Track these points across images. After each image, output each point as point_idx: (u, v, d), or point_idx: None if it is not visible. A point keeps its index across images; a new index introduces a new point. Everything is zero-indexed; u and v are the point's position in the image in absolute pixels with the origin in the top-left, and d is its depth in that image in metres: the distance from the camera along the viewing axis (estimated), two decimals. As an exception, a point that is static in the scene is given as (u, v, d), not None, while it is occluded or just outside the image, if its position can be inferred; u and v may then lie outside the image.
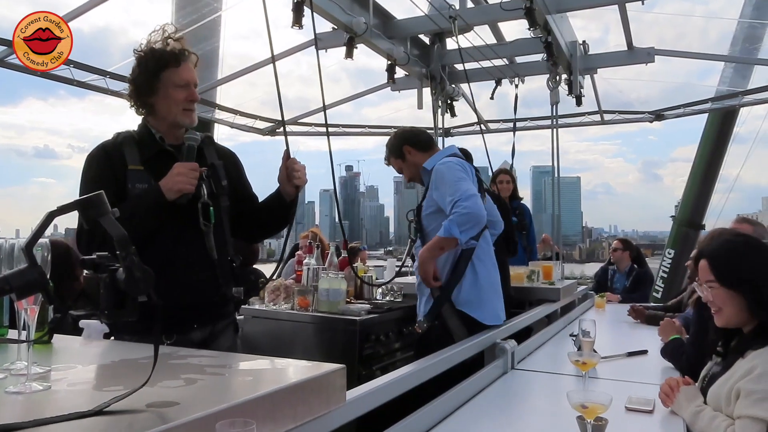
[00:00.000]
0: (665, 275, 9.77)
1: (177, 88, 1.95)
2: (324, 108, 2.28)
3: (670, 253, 9.90)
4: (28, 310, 1.06)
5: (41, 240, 1.08)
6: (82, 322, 1.70)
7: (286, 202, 2.10)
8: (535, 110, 7.45)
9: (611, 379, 2.32)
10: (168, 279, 1.83)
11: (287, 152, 2.08)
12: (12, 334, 1.44)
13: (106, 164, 1.90)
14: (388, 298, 3.35)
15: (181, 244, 1.91)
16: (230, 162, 2.15)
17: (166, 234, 1.89)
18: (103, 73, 5.07)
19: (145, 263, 1.78)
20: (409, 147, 2.96)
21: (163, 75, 1.94)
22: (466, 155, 3.66)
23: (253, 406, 1.00)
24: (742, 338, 1.80)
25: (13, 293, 1.04)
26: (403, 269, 3.70)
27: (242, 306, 2.29)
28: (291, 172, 2.05)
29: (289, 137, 2.18)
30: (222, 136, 7.26)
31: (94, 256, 1.26)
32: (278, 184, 2.09)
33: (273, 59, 2.34)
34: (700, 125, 9.74)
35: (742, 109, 7.48)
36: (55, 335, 1.47)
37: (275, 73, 2.31)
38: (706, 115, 8.70)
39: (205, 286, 1.97)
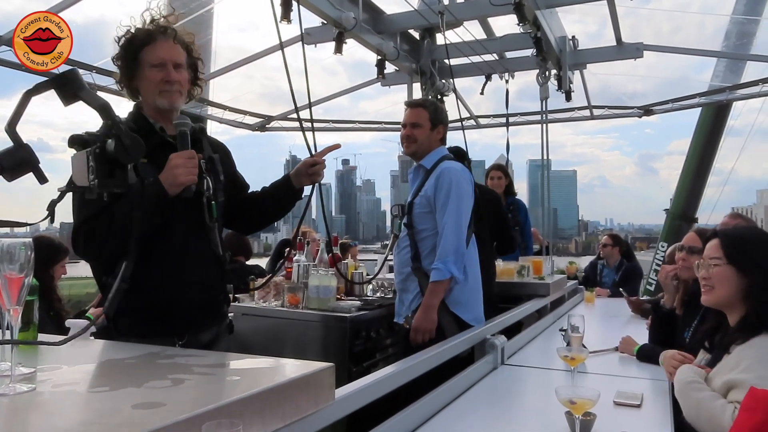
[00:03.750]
0: (658, 267, 9.85)
1: (152, 68, 1.85)
2: (310, 105, 2.26)
3: (663, 246, 9.97)
4: (11, 311, 1.05)
5: (25, 239, 1.07)
6: (68, 322, 1.69)
7: (294, 190, 2.09)
8: (530, 103, 7.47)
9: (600, 374, 2.34)
10: (180, 277, 1.81)
11: (322, 150, 2.11)
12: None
13: None
14: (378, 294, 3.35)
15: (190, 240, 1.85)
16: (224, 154, 2.09)
17: (175, 230, 1.81)
18: (89, 68, 5.02)
19: (156, 260, 1.76)
20: (442, 128, 2.94)
21: (140, 55, 1.85)
22: (460, 154, 3.69)
23: (241, 406, 0.99)
24: (727, 334, 1.82)
25: (6, 173, 1.04)
26: (390, 264, 3.68)
27: (232, 303, 2.27)
28: (318, 169, 2.05)
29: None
30: (217, 129, 7.24)
31: (82, 133, 1.23)
32: (293, 173, 2.08)
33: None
34: (696, 118, 9.80)
35: (737, 102, 7.52)
36: (40, 335, 1.45)
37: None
38: (700, 108, 8.74)
39: (213, 284, 1.93)
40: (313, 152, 2.14)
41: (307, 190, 2.15)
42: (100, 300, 3.23)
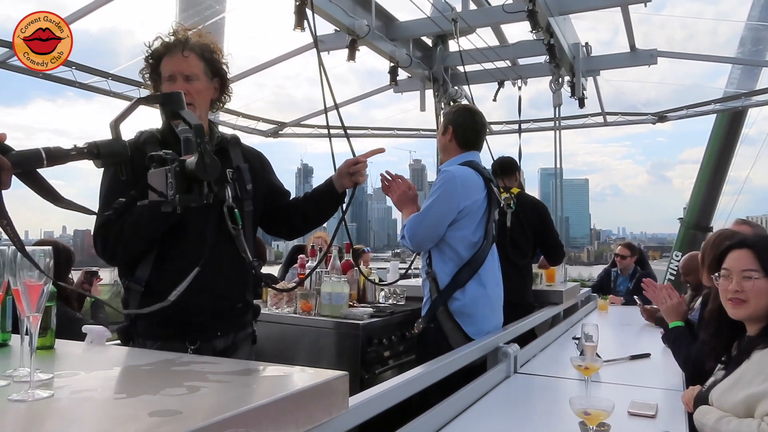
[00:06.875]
0: (672, 278, 9.78)
1: (165, 81, 1.88)
2: (325, 110, 2.25)
3: (677, 256, 9.92)
4: (31, 317, 1.06)
5: (45, 247, 1.09)
6: (85, 327, 1.70)
7: (337, 193, 2.10)
8: (541, 112, 7.48)
9: (614, 383, 2.32)
10: (192, 282, 1.78)
11: (358, 155, 2.11)
12: (15, 339, 1.44)
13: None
14: (390, 301, 3.34)
15: (206, 247, 1.83)
16: (258, 162, 2.10)
17: (190, 236, 1.83)
18: (105, 74, 5.09)
19: (171, 266, 1.79)
20: (452, 129, 2.84)
21: (159, 69, 1.89)
22: (504, 165, 3.63)
23: (256, 414, 1.00)
24: (748, 339, 1.78)
25: (100, 160, 1.18)
26: (401, 271, 3.65)
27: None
28: (360, 169, 2.06)
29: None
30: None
31: (161, 152, 1.37)
32: (335, 176, 2.10)
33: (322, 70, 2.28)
34: (709, 126, 9.73)
35: (751, 110, 7.47)
36: (58, 340, 1.48)
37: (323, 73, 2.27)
38: (715, 116, 8.68)
39: (229, 291, 1.93)
40: (353, 156, 2.13)
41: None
42: (81, 282, 3.43)
